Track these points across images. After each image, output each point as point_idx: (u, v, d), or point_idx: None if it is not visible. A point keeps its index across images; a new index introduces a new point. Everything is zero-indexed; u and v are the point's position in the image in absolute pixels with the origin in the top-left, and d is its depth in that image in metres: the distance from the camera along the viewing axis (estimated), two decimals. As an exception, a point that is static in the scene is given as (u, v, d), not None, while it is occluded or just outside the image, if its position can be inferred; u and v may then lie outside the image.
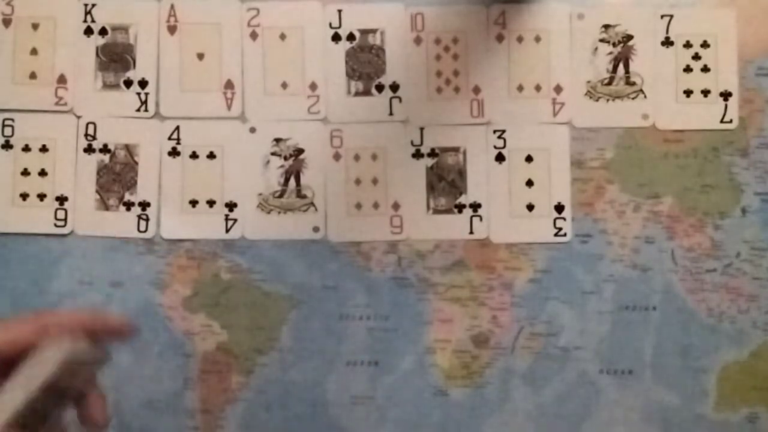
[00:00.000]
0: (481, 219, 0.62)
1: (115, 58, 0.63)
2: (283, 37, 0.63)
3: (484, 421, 0.62)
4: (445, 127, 0.63)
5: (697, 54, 0.63)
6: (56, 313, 0.49)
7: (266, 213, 0.63)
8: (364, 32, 0.63)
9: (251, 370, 0.62)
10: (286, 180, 0.63)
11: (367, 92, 0.63)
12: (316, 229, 0.62)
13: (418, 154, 0.63)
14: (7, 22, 0.63)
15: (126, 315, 0.54)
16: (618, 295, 0.62)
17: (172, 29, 0.63)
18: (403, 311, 0.62)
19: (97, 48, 0.63)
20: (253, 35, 0.63)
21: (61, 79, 0.63)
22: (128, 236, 0.62)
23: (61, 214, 0.62)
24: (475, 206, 0.62)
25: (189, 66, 0.63)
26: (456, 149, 0.63)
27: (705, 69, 0.63)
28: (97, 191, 0.63)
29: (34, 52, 0.63)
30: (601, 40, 0.63)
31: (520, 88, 0.63)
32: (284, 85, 0.63)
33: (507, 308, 0.62)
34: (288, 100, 0.63)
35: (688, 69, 0.63)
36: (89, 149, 0.63)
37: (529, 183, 0.63)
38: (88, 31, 0.63)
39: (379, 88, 0.63)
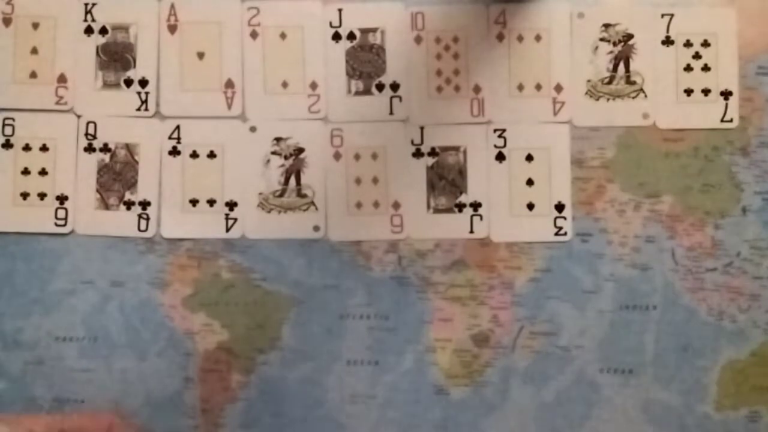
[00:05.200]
0: (481, 218, 0.62)
1: (116, 57, 0.63)
2: (283, 36, 0.63)
3: (484, 421, 0.62)
4: (445, 127, 0.63)
5: (697, 53, 0.63)
6: None
7: (266, 212, 0.63)
8: (365, 31, 0.63)
9: (251, 369, 0.62)
10: (287, 179, 0.63)
11: (367, 91, 0.63)
12: (316, 229, 0.62)
13: (418, 154, 0.63)
14: (7, 22, 0.63)
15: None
16: (618, 294, 0.62)
17: (172, 28, 0.63)
18: (403, 310, 0.62)
19: (97, 47, 0.63)
20: (254, 34, 0.63)
21: (62, 79, 0.63)
22: (128, 235, 0.62)
23: (61, 214, 0.62)
24: (476, 205, 0.62)
25: (189, 65, 0.63)
26: (456, 148, 0.63)
27: (705, 68, 0.63)
28: (97, 190, 0.63)
29: (34, 51, 0.63)
30: (602, 39, 0.63)
31: (521, 87, 0.63)
32: (284, 85, 0.63)
33: (507, 307, 0.62)
34: (288, 100, 0.63)
35: (688, 68, 0.63)
36: (89, 148, 0.63)
37: (530, 182, 0.63)
38: (89, 31, 0.63)
39: (380, 87, 0.63)
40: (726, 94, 0.62)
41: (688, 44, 0.63)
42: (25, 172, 0.63)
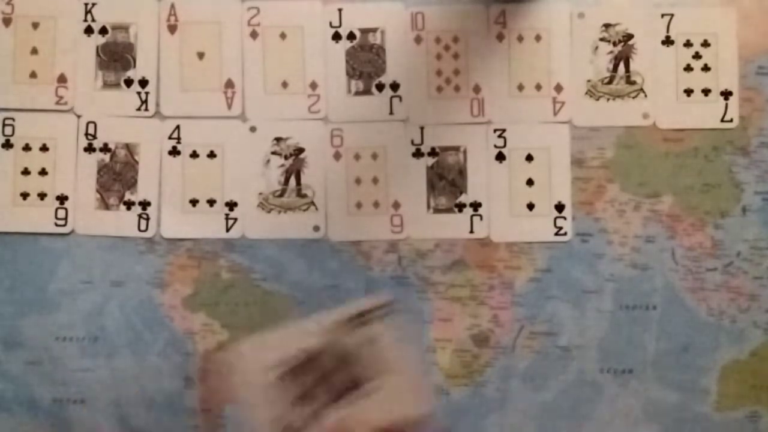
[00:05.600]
0: (481, 218, 0.62)
1: (116, 57, 0.63)
2: (283, 36, 0.63)
3: (484, 420, 0.62)
4: (445, 127, 0.63)
5: (697, 53, 0.63)
6: None
7: (266, 212, 0.63)
8: (365, 31, 0.63)
9: (251, 369, 0.62)
10: (287, 179, 0.63)
11: (367, 91, 0.63)
12: (316, 229, 0.62)
13: (418, 153, 0.63)
14: (7, 22, 0.63)
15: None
16: (618, 294, 0.62)
17: (172, 28, 0.63)
18: (403, 310, 0.62)
19: (97, 47, 0.63)
20: (254, 34, 0.63)
21: (62, 79, 0.63)
22: (128, 235, 0.62)
23: (61, 214, 0.62)
24: (476, 205, 0.62)
25: (189, 65, 0.63)
26: (456, 148, 0.63)
27: (705, 68, 0.63)
28: (97, 190, 0.63)
29: (34, 51, 0.63)
30: (602, 39, 0.63)
31: (521, 87, 0.63)
32: (284, 84, 0.63)
33: (507, 307, 0.62)
34: (288, 100, 0.63)
35: (688, 68, 0.63)
36: (90, 148, 0.63)
37: (530, 182, 0.63)
38: (89, 31, 0.63)
39: (380, 87, 0.63)
40: (726, 94, 0.62)
41: (688, 44, 0.63)
42: (25, 172, 0.63)
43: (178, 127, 0.63)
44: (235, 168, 0.63)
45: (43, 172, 0.62)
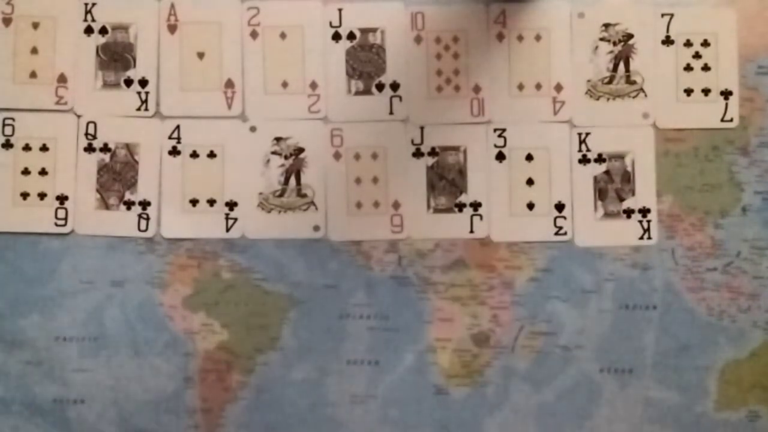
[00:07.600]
0: (481, 218, 0.62)
1: (116, 57, 0.63)
2: (283, 36, 0.63)
3: (484, 420, 0.62)
4: (445, 126, 0.63)
5: (697, 53, 0.63)
6: None
7: (267, 212, 0.63)
8: (365, 31, 0.63)
9: (251, 369, 0.62)
10: (287, 179, 0.63)
11: (367, 91, 0.63)
12: (316, 228, 0.62)
13: (418, 153, 0.63)
14: (7, 22, 0.63)
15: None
16: (618, 294, 0.62)
17: (172, 28, 0.63)
18: (403, 310, 0.62)
19: (97, 47, 0.63)
20: (254, 34, 0.63)
21: (62, 78, 0.63)
22: (129, 235, 0.62)
23: (61, 214, 0.62)
24: (476, 205, 0.62)
25: (189, 65, 0.63)
26: (456, 148, 0.63)
27: (705, 68, 0.63)
28: (97, 190, 0.63)
29: (34, 51, 0.63)
30: (602, 39, 0.63)
31: (521, 87, 0.63)
32: (284, 84, 0.63)
33: (507, 307, 0.62)
34: (288, 99, 0.63)
35: (688, 68, 0.63)
36: (89, 148, 0.63)
37: (530, 182, 0.63)
38: (89, 30, 0.63)
39: (380, 87, 0.63)
40: (726, 94, 0.62)
41: (688, 44, 0.63)
42: (25, 172, 0.63)
43: (178, 127, 0.63)
44: (235, 168, 0.63)
45: (43, 172, 0.62)
